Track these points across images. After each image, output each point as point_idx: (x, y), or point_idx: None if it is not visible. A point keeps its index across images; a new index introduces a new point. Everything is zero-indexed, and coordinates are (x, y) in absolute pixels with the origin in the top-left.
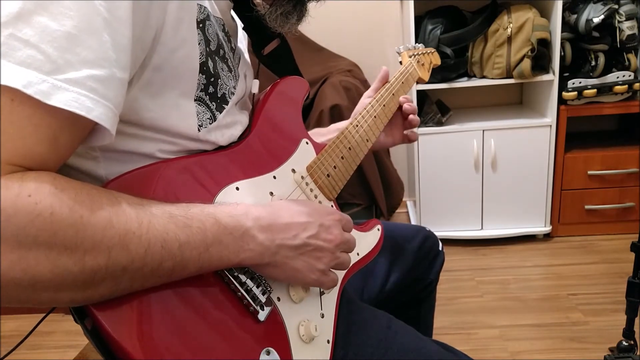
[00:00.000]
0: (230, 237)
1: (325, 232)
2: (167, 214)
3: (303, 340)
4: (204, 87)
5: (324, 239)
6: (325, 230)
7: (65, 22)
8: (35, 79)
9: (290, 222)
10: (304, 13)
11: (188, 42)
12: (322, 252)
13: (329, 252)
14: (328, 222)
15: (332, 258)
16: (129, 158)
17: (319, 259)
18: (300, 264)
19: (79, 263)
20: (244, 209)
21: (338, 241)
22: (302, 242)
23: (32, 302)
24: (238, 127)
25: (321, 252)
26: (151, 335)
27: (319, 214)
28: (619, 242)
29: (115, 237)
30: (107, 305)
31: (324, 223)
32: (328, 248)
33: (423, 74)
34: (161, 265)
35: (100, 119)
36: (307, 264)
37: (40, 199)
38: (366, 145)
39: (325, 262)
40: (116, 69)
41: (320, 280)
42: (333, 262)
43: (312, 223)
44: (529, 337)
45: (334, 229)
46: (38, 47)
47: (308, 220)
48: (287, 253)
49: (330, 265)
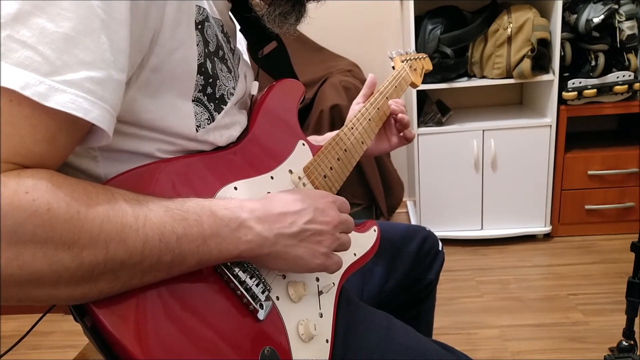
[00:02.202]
0: (227, 228)
1: (321, 215)
2: (163, 208)
3: (302, 340)
4: (202, 88)
5: (321, 221)
6: (321, 213)
7: (62, 23)
8: (32, 80)
9: (284, 211)
10: (302, 13)
11: (186, 43)
12: (322, 236)
13: (328, 234)
14: (322, 205)
15: (333, 240)
16: (127, 158)
17: (320, 243)
18: (302, 250)
19: (77, 258)
20: (238, 202)
21: (336, 222)
22: (300, 229)
23: (30, 300)
24: (237, 128)
25: (320, 235)
26: (151, 334)
27: (312, 199)
28: (619, 242)
29: (113, 231)
30: (106, 303)
31: (318, 206)
32: (327, 230)
33: (415, 78)
34: (160, 259)
35: (98, 121)
36: (308, 249)
37: (38, 196)
38: (361, 148)
39: (327, 244)
40: (114, 71)
41: (325, 264)
42: (335, 244)
43: (306, 209)
44: (529, 337)
45: (330, 210)
46: (36, 48)
47: (302, 206)
48: (287, 242)
49: (332, 247)
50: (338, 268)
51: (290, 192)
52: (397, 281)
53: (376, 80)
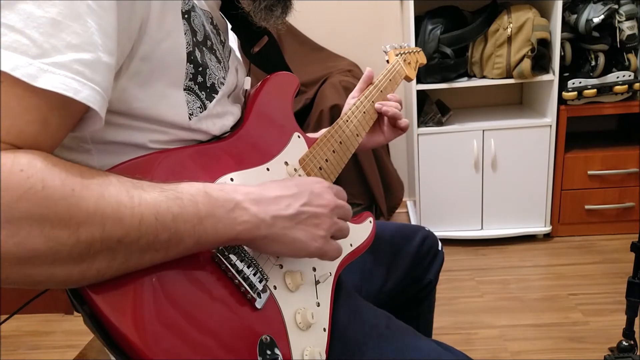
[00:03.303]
0: (222, 209)
1: (317, 198)
2: (157, 189)
3: (300, 328)
4: (192, 76)
5: (318, 204)
6: (317, 196)
7: (49, 9)
8: (22, 62)
9: (280, 194)
10: (288, 6)
11: (174, 32)
12: (319, 219)
13: (325, 217)
14: (318, 189)
15: (331, 223)
16: (121, 149)
17: (318, 226)
18: (300, 233)
19: (73, 236)
20: (232, 187)
21: (332, 205)
22: (296, 211)
23: (29, 281)
24: (230, 118)
25: (318, 218)
26: (148, 320)
27: (307, 184)
28: (619, 242)
29: (108, 209)
30: (104, 290)
31: (314, 190)
32: (324, 213)
33: (410, 72)
34: (157, 238)
35: (89, 101)
36: (306, 232)
37: (32, 173)
38: (356, 140)
39: (325, 227)
40: (102, 54)
41: (323, 248)
42: (333, 228)
43: (302, 192)
44: (529, 337)
45: (326, 194)
46: (23, 32)
47: (298, 190)
48: (284, 223)
49: (330, 231)
50: (338, 255)
51: (285, 179)
52: (397, 281)
53: (373, 75)
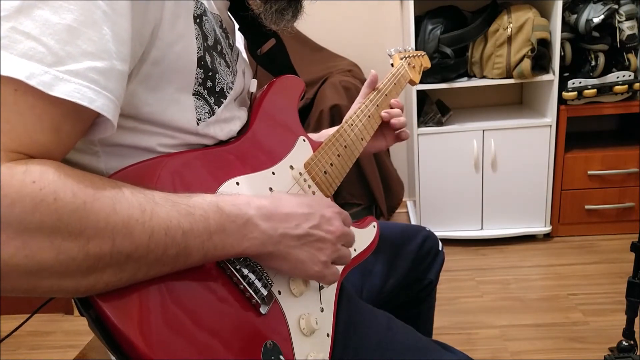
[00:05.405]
0: (233, 225)
1: (326, 223)
2: (170, 202)
3: (304, 333)
4: (202, 81)
5: (326, 230)
6: (326, 221)
7: (65, 15)
8: (37, 70)
9: (292, 212)
10: (299, 9)
11: (185, 36)
12: (324, 244)
13: (330, 243)
14: (329, 214)
15: (334, 250)
16: (128, 152)
17: (321, 250)
18: (304, 254)
19: (83, 249)
20: (245, 199)
21: (339, 233)
22: (305, 232)
23: (35, 291)
24: (237, 123)
25: (323, 243)
26: (154, 326)
27: (320, 206)
28: (619, 242)
29: (119, 223)
30: (111, 296)
31: (325, 214)
32: (329, 239)
33: (414, 76)
34: (165, 253)
35: (103, 110)
36: (309, 254)
37: (44, 185)
38: (361, 144)
39: (327, 253)
40: (116, 61)
41: (322, 272)
42: (335, 255)
43: (313, 214)
44: (529, 337)
45: (335, 221)
46: (39, 39)
47: (310, 211)
48: (290, 242)
49: (332, 257)
50: (335, 280)
51: (299, 196)
52: (397, 281)
53: (377, 78)
